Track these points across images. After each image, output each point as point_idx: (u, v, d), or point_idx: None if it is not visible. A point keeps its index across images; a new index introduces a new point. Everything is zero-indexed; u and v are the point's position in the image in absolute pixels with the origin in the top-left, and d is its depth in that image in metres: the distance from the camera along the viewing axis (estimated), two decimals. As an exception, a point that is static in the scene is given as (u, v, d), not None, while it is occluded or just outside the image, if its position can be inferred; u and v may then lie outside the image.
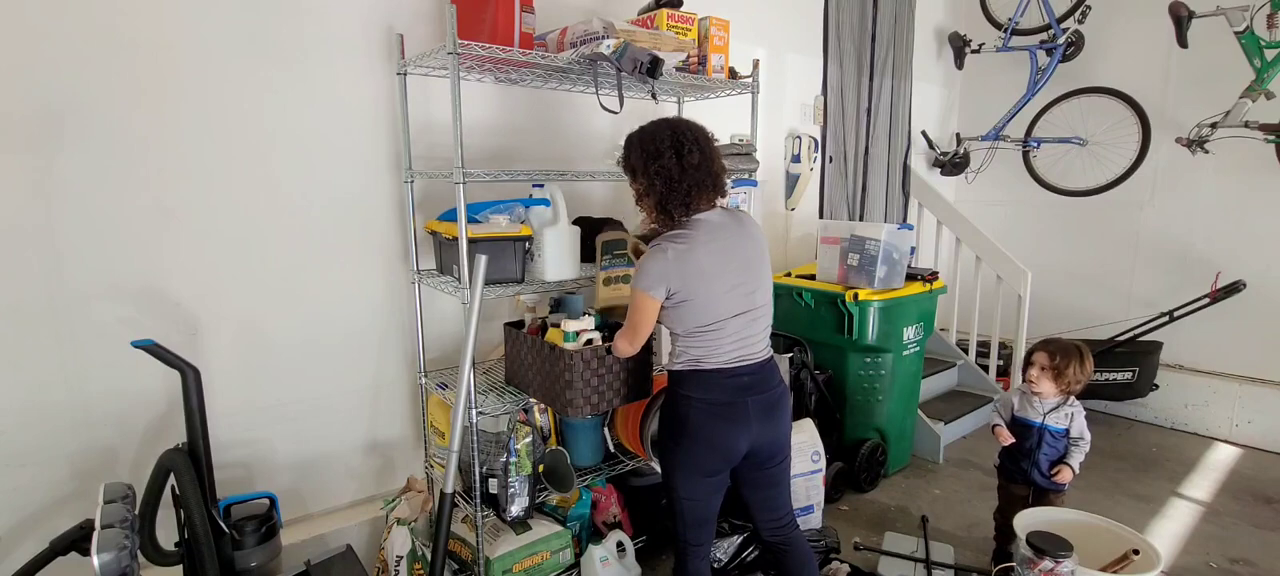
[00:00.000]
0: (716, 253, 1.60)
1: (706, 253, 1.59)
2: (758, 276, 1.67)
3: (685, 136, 1.61)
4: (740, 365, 1.64)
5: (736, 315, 1.62)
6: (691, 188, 1.60)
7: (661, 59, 2.01)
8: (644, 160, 1.61)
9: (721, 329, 1.61)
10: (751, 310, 1.65)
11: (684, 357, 1.65)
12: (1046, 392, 2.25)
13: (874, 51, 3.70)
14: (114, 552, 1.37)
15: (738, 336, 1.63)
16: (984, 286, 3.92)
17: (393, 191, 2.20)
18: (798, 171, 3.55)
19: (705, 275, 1.58)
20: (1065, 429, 2.24)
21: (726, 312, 1.61)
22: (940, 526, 2.69)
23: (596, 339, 1.87)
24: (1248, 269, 3.49)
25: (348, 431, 2.25)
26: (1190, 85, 3.64)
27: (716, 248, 1.61)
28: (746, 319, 1.64)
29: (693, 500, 1.70)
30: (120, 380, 1.82)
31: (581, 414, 1.87)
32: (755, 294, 1.66)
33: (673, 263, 1.57)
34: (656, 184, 1.60)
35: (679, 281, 1.57)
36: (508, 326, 2.12)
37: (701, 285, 1.58)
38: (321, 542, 2.09)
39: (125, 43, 1.72)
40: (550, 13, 2.28)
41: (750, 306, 1.65)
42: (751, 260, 1.66)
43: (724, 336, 1.61)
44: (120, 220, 1.77)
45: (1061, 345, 2.25)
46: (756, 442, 1.66)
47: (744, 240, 1.66)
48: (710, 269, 1.59)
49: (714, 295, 1.59)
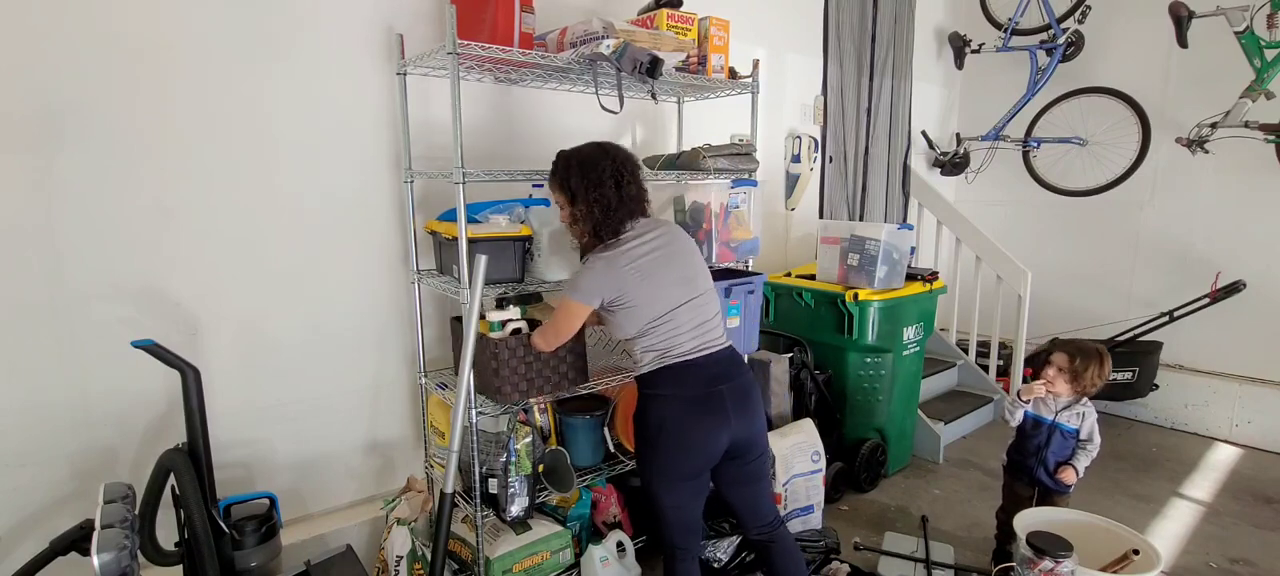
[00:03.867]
0: (647, 251, 1.69)
1: (638, 253, 1.68)
2: (692, 264, 1.75)
3: (624, 168, 1.70)
4: (704, 354, 1.68)
5: (682, 304, 1.68)
6: (624, 216, 1.70)
7: (661, 59, 2.01)
8: (584, 186, 1.68)
9: (672, 318, 1.67)
10: (695, 297, 1.71)
11: (648, 356, 1.69)
12: (1062, 393, 2.23)
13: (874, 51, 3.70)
14: (114, 552, 1.37)
15: (692, 325, 1.69)
16: (984, 286, 3.92)
17: (393, 191, 2.20)
18: (798, 171, 3.55)
19: (641, 272, 1.66)
20: (1076, 429, 2.22)
21: (672, 302, 1.67)
22: (940, 526, 2.69)
23: (523, 328, 1.93)
24: (1248, 269, 3.49)
25: (348, 431, 2.25)
26: (1190, 85, 3.64)
27: (646, 247, 1.69)
28: (693, 306, 1.70)
29: (678, 507, 1.71)
30: (120, 380, 1.82)
31: (510, 400, 1.92)
32: (696, 280, 1.73)
33: (602, 274, 1.66)
34: (594, 211, 1.67)
35: (615, 289, 1.65)
36: (454, 320, 2.18)
37: (640, 283, 1.65)
38: (321, 542, 2.09)
39: (125, 43, 1.72)
40: (550, 13, 2.28)
41: (693, 293, 1.71)
42: (680, 251, 1.75)
43: (678, 326, 1.67)
44: (120, 220, 1.77)
45: (1081, 347, 2.23)
46: (736, 436, 1.68)
47: (669, 235, 1.75)
48: (644, 266, 1.67)
49: (656, 287, 1.66)
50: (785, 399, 2.84)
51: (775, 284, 3.14)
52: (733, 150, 2.38)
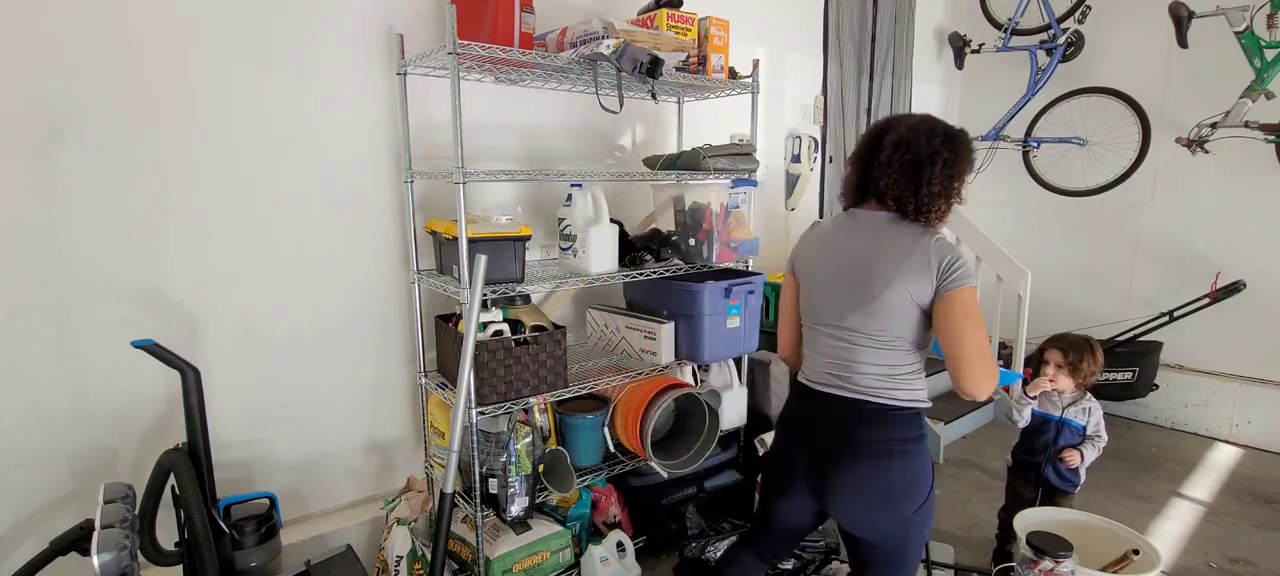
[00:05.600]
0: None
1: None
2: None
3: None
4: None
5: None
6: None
7: (661, 59, 2.01)
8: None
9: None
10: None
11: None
12: (1064, 388, 2.25)
13: (874, 51, 3.71)
14: (114, 552, 1.37)
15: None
16: (984, 286, 3.90)
17: (393, 191, 2.20)
18: (798, 171, 3.55)
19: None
20: (1083, 425, 2.23)
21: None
22: (940, 526, 2.69)
23: (505, 331, 1.93)
24: (1248, 269, 3.49)
25: (348, 431, 2.25)
26: (1190, 85, 3.64)
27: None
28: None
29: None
30: (120, 380, 1.82)
31: (489, 402, 1.93)
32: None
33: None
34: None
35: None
36: (438, 319, 2.20)
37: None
38: (321, 542, 2.09)
39: (125, 43, 1.72)
40: (550, 13, 2.28)
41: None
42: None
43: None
44: (120, 220, 1.77)
45: (1071, 340, 2.26)
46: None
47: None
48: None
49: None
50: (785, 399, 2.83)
51: (775, 284, 3.14)
52: (733, 150, 2.38)
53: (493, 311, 1.96)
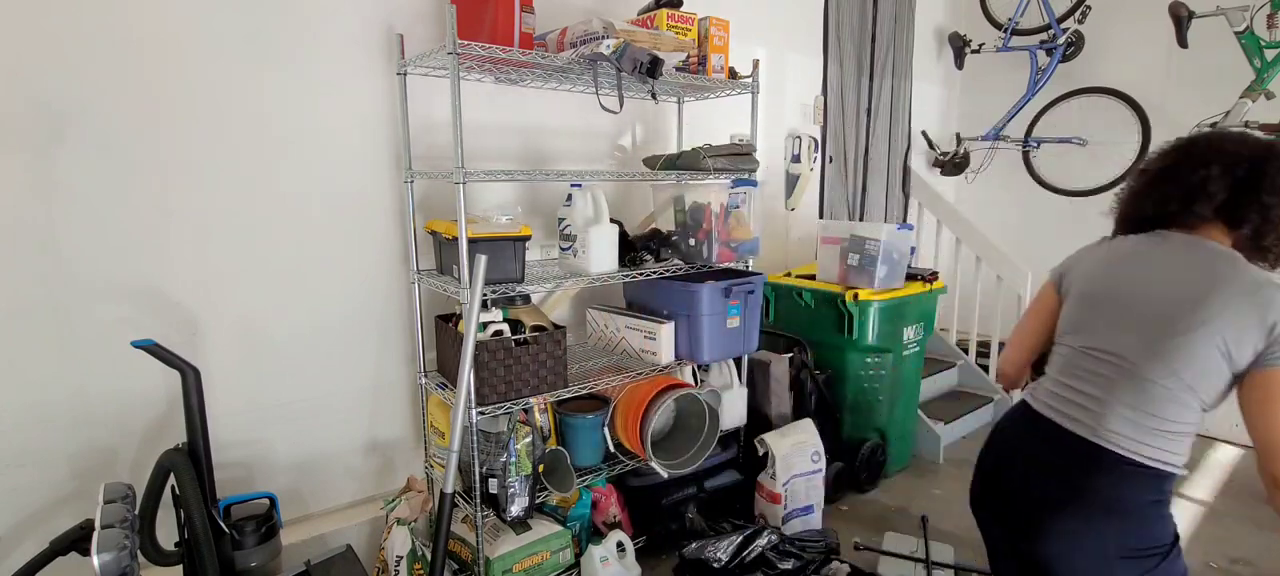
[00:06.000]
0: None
1: None
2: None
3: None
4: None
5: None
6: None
7: (661, 59, 2.01)
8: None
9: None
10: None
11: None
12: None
13: (874, 51, 3.71)
14: (114, 552, 1.37)
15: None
16: (984, 286, 3.91)
17: (393, 191, 2.20)
18: (798, 171, 3.55)
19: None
20: None
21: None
22: (940, 526, 2.69)
23: (505, 331, 1.94)
24: (1248, 269, 3.48)
25: (348, 431, 2.25)
26: (1190, 85, 3.64)
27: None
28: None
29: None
30: (120, 380, 1.82)
31: (488, 402, 1.94)
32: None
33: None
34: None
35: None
36: (438, 319, 2.20)
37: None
38: (321, 542, 2.09)
39: (126, 43, 1.72)
40: (550, 13, 2.28)
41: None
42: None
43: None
44: (120, 220, 1.77)
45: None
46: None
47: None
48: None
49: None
50: (785, 399, 2.84)
51: (775, 284, 3.14)
52: (733, 150, 2.38)
53: (493, 311, 1.96)
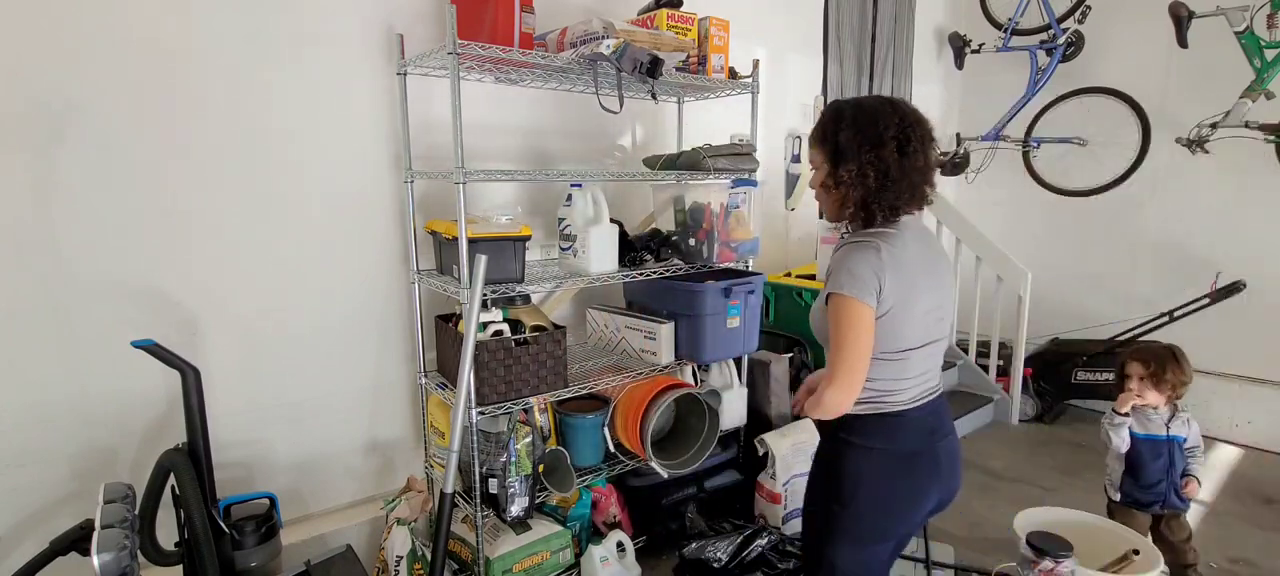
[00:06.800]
0: (922, 263, 1.33)
1: (915, 260, 1.32)
2: (949, 296, 1.41)
3: (913, 129, 1.31)
4: (923, 403, 1.37)
5: (926, 345, 1.36)
6: (904, 193, 1.32)
7: (661, 59, 2.01)
8: (858, 143, 1.30)
9: (908, 359, 1.33)
10: (939, 340, 1.40)
11: (864, 394, 1.32)
12: (1154, 402, 2.13)
13: (874, 51, 3.71)
14: (114, 552, 1.37)
15: (921, 370, 1.37)
16: (984, 286, 3.91)
17: (393, 191, 2.20)
18: (798, 171, 3.54)
19: (914, 287, 1.30)
20: (1185, 437, 2.14)
21: (917, 339, 1.34)
22: (940, 526, 2.69)
23: (505, 331, 1.94)
24: (1248, 269, 3.49)
25: (348, 431, 2.25)
26: (1190, 85, 3.64)
27: (917, 255, 1.33)
28: (934, 349, 1.39)
29: (867, 569, 1.42)
30: (120, 380, 1.81)
31: (489, 402, 1.93)
32: (944, 321, 1.39)
33: (887, 261, 1.27)
34: (868, 176, 1.30)
35: (891, 286, 1.27)
36: (438, 319, 2.20)
37: (907, 299, 1.29)
38: (321, 542, 2.09)
39: (126, 43, 1.72)
40: (550, 13, 2.28)
41: (939, 335, 1.39)
42: (945, 280, 1.41)
43: (909, 369, 1.34)
44: (120, 220, 1.77)
45: (1151, 351, 2.16)
46: (943, 497, 1.41)
47: (939, 255, 1.43)
48: (918, 282, 1.31)
49: (913, 315, 1.31)
50: (785, 399, 2.84)
51: (775, 284, 3.14)
52: (733, 150, 2.38)
53: (493, 311, 1.96)
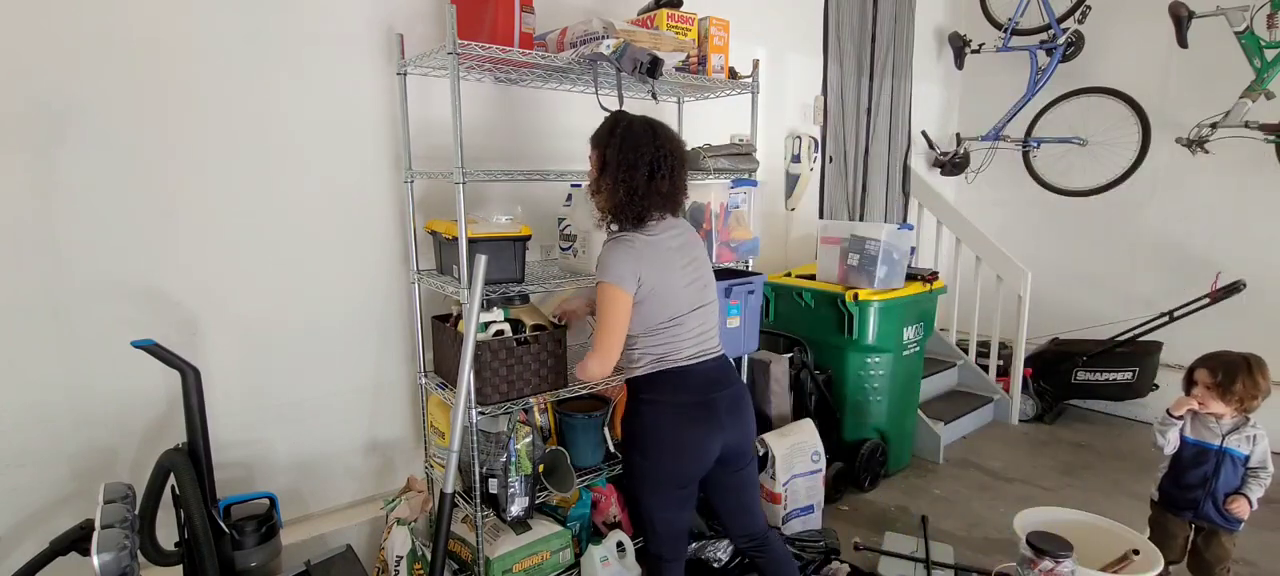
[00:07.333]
0: (667, 247, 1.63)
1: (660, 244, 1.62)
2: (706, 270, 1.72)
3: (663, 161, 1.60)
4: (701, 360, 1.65)
5: (694, 310, 1.65)
6: (650, 208, 1.62)
7: (661, 59, 2.01)
8: (618, 162, 1.60)
9: (681, 323, 1.62)
10: (706, 304, 1.69)
11: (646, 359, 1.63)
12: (1218, 411, 2.00)
13: (874, 51, 3.70)
14: (114, 552, 1.37)
15: (696, 332, 1.65)
16: (984, 286, 3.92)
17: (393, 191, 2.20)
18: (798, 171, 3.55)
19: (668, 266, 1.61)
20: (1247, 454, 1.98)
21: (683, 306, 1.63)
22: (940, 526, 2.69)
23: (505, 330, 1.94)
24: (1248, 269, 3.48)
25: (348, 431, 2.25)
26: (1190, 85, 3.64)
27: (667, 242, 1.63)
28: (702, 313, 1.67)
29: (667, 516, 1.69)
30: (120, 380, 1.82)
31: (490, 402, 1.93)
32: (709, 287, 1.70)
33: (626, 256, 1.57)
34: (619, 192, 1.60)
35: (648, 271, 1.57)
36: (435, 319, 2.20)
37: (665, 277, 1.60)
38: (321, 542, 2.09)
39: (126, 43, 1.72)
40: (550, 13, 2.28)
41: (705, 300, 1.68)
42: (698, 256, 1.71)
43: (684, 332, 1.63)
44: (120, 220, 1.77)
45: (1224, 359, 2.02)
46: (728, 443, 1.65)
47: (688, 236, 1.71)
48: (671, 260, 1.62)
49: (671, 289, 1.61)
50: (785, 399, 2.84)
51: (775, 284, 3.14)
52: (733, 150, 2.38)
53: (493, 311, 1.96)
